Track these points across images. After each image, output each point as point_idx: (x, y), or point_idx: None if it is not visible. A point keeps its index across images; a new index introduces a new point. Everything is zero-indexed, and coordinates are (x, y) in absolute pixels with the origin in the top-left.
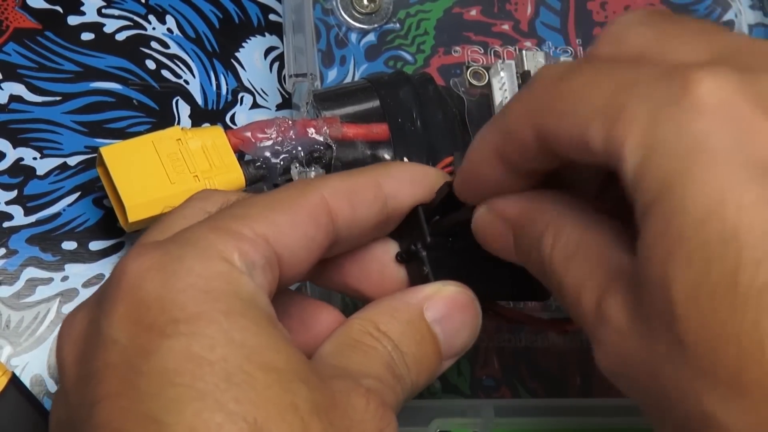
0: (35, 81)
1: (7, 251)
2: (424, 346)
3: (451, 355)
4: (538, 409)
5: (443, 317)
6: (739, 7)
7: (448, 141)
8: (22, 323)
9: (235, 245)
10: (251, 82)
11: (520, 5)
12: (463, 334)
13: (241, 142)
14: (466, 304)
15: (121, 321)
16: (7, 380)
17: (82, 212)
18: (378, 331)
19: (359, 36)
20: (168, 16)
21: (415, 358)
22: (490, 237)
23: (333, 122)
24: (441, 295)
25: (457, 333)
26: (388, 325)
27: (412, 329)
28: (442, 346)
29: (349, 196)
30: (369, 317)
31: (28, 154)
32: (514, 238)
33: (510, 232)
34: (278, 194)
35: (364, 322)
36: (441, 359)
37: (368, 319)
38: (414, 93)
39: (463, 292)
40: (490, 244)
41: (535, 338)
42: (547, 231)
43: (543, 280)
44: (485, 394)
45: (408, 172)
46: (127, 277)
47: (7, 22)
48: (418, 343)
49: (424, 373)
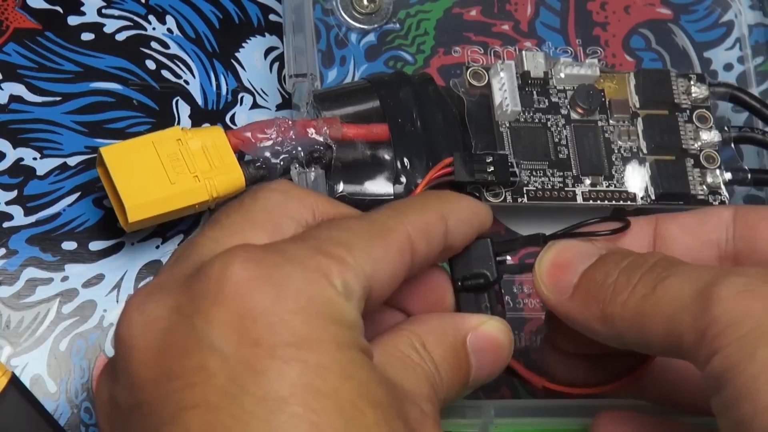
0: (35, 81)
1: (7, 251)
2: (458, 373)
3: (475, 385)
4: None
5: (482, 350)
6: (739, 7)
7: (448, 141)
8: (22, 323)
9: (340, 271)
10: (251, 82)
11: (520, 5)
12: (493, 368)
13: (241, 142)
14: (504, 343)
15: (223, 327)
16: (7, 380)
17: (82, 212)
18: (424, 350)
19: (359, 36)
20: (168, 16)
21: (448, 382)
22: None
23: (333, 122)
24: (486, 328)
25: (489, 366)
26: (434, 346)
27: (453, 355)
28: (472, 376)
29: (426, 234)
30: (417, 332)
31: (28, 155)
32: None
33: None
34: (370, 225)
35: (412, 336)
36: (466, 388)
37: (416, 334)
38: (414, 93)
39: (506, 330)
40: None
41: (535, 338)
42: None
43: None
44: (485, 394)
45: (468, 209)
46: (232, 281)
47: (7, 23)
48: (454, 369)
49: (451, 397)
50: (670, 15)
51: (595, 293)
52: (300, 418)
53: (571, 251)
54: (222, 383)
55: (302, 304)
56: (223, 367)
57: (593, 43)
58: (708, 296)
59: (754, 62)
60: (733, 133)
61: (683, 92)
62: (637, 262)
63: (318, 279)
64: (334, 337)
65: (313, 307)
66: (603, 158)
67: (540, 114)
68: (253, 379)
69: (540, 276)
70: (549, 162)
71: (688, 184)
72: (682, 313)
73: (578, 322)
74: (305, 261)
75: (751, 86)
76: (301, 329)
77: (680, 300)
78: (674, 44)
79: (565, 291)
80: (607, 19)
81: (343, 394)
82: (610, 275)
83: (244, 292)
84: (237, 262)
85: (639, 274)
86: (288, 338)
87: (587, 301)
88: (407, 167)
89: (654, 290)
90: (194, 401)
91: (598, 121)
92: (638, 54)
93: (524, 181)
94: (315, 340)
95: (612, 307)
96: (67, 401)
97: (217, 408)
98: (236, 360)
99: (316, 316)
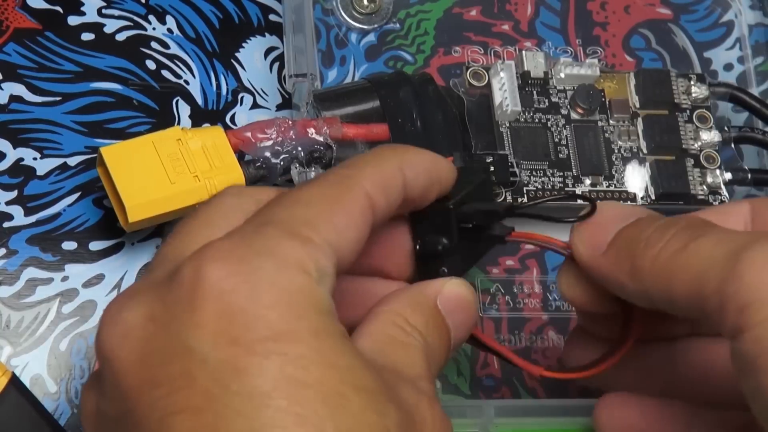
0: (35, 81)
1: (8, 251)
2: (442, 338)
3: (454, 348)
4: (538, 409)
5: (453, 310)
6: (739, 7)
7: (448, 141)
8: (23, 323)
9: (310, 254)
10: (251, 82)
11: (520, 5)
12: (465, 328)
13: (241, 142)
14: (470, 298)
15: (201, 331)
16: (7, 380)
17: (82, 212)
18: (409, 325)
19: (359, 36)
20: (168, 16)
21: (436, 350)
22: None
23: (333, 122)
24: (450, 287)
25: (462, 325)
26: (415, 317)
27: (433, 321)
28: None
29: (384, 188)
30: (396, 310)
31: (29, 155)
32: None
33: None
34: (329, 189)
35: (393, 315)
36: (450, 353)
37: (396, 312)
38: (414, 93)
39: (468, 288)
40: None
41: (535, 338)
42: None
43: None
44: (485, 394)
45: (426, 160)
46: (205, 284)
47: (7, 23)
48: (439, 335)
49: (440, 366)
50: (670, 15)
51: (627, 248)
52: (285, 412)
53: (611, 212)
54: (205, 385)
55: (276, 296)
56: (205, 370)
57: (593, 43)
58: (738, 258)
59: (754, 62)
60: (733, 133)
61: (683, 92)
62: (673, 221)
63: (289, 267)
64: (311, 326)
65: (288, 298)
66: (603, 158)
67: (540, 114)
68: (235, 377)
69: (578, 232)
70: (549, 162)
71: (688, 184)
72: (710, 272)
73: (608, 278)
74: (274, 250)
75: (751, 86)
76: (277, 323)
77: (710, 259)
78: (674, 44)
79: (600, 247)
80: (607, 19)
81: (326, 383)
82: (644, 231)
83: (218, 293)
84: (206, 263)
85: (673, 231)
86: (266, 333)
87: (619, 256)
88: None
89: (685, 247)
90: (179, 406)
91: (598, 121)
92: (638, 54)
93: (524, 181)
94: (293, 332)
95: (642, 260)
96: (67, 401)
97: (202, 410)
98: (217, 361)
99: (291, 307)
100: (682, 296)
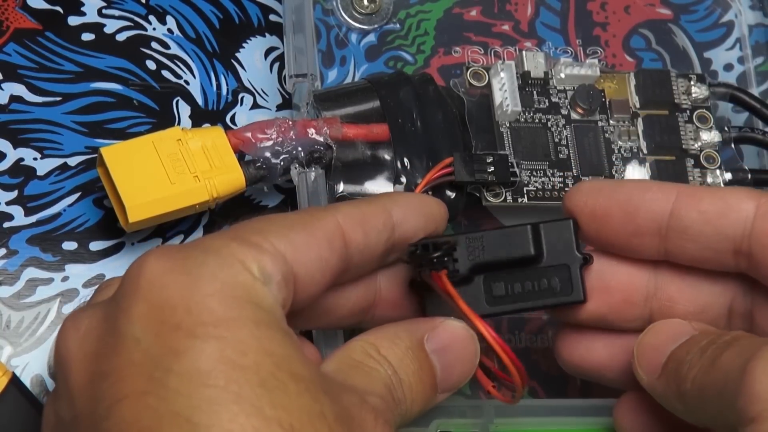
0: (35, 81)
1: (8, 251)
2: (421, 375)
3: (446, 389)
4: (538, 409)
5: (442, 349)
6: (739, 7)
7: (448, 141)
8: (23, 323)
9: (255, 257)
10: (251, 82)
11: (520, 5)
12: (460, 368)
13: (241, 142)
14: (465, 339)
15: (144, 320)
16: (7, 380)
17: (82, 212)
18: (379, 354)
19: (359, 36)
20: (168, 16)
21: (412, 385)
22: None
23: (333, 122)
24: (443, 327)
25: (454, 366)
26: (388, 350)
27: (411, 357)
28: (439, 378)
29: (361, 223)
30: (370, 340)
31: (29, 155)
32: None
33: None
34: (294, 216)
35: (365, 344)
36: (436, 391)
37: (369, 342)
38: (414, 93)
39: (464, 328)
40: None
41: (535, 338)
42: None
43: None
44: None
45: (414, 201)
46: (148, 276)
47: (7, 23)
48: (415, 372)
49: (419, 402)
50: (670, 15)
51: (675, 371)
52: (222, 389)
53: (665, 332)
54: (148, 370)
55: (217, 287)
56: (148, 356)
57: (593, 43)
58: (745, 370)
59: (754, 62)
60: (733, 133)
61: (683, 92)
62: (715, 338)
63: (232, 264)
64: (251, 316)
65: (229, 290)
66: (603, 158)
67: (540, 114)
68: (175, 359)
69: (636, 357)
70: (549, 162)
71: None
72: (729, 387)
73: (664, 403)
74: (220, 249)
75: (751, 86)
76: (217, 309)
77: (731, 372)
78: (674, 44)
79: (655, 372)
80: (607, 19)
81: (263, 366)
82: (689, 353)
83: (160, 284)
84: (151, 258)
85: (711, 349)
86: (206, 318)
87: (669, 380)
88: (407, 167)
89: (713, 364)
90: (125, 392)
91: (598, 122)
92: (638, 54)
93: (524, 181)
94: (233, 320)
95: (685, 383)
96: None
97: (145, 393)
98: (159, 346)
99: (232, 297)
100: (712, 416)
